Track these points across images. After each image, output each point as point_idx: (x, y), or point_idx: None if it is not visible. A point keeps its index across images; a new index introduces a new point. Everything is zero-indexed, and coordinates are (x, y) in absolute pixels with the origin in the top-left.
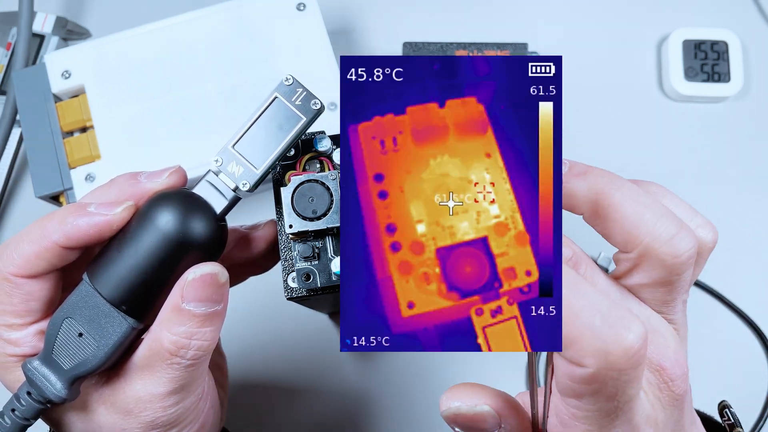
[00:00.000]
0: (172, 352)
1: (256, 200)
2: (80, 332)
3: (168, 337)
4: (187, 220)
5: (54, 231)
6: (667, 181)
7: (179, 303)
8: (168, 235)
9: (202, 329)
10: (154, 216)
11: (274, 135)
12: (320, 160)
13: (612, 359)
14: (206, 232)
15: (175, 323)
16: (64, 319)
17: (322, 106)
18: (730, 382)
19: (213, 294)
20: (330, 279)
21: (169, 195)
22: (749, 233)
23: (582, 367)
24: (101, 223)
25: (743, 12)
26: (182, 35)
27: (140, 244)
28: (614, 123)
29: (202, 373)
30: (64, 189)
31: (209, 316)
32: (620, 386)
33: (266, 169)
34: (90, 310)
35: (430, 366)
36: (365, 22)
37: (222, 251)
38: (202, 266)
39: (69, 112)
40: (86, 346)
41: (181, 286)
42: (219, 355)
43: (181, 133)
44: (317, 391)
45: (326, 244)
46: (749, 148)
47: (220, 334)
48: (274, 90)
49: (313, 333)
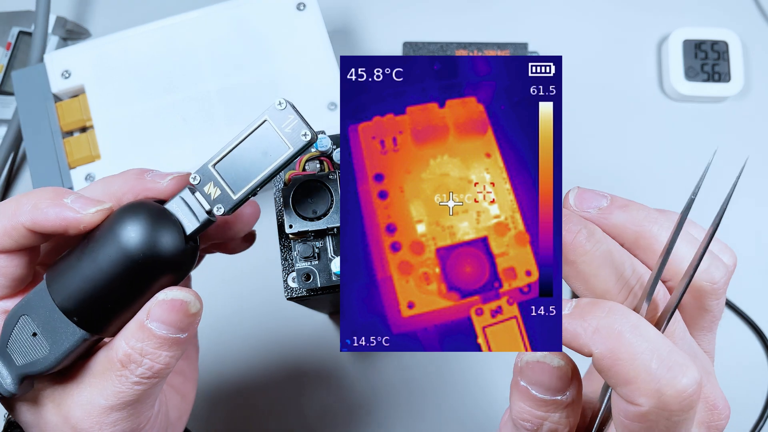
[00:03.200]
0: (123, 363)
1: (257, 200)
2: (34, 332)
3: (123, 348)
4: (153, 238)
5: (24, 212)
6: (667, 181)
7: (143, 319)
8: (128, 251)
9: (158, 351)
10: (117, 229)
11: (257, 161)
12: (320, 159)
13: (665, 400)
14: (172, 253)
15: (133, 337)
16: (20, 316)
17: (313, 137)
18: (730, 382)
19: (179, 321)
20: (330, 279)
21: (137, 207)
22: (749, 233)
23: (636, 405)
24: (69, 219)
25: (743, 12)
26: (182, 35)
27: (98, 257)
28: (614, 123)
29: (149, 397)
30: None
31: (169, 341)
32: (671, 426)
33: (244, 196)
34: (45, 312)
35: (431, 366)
36: (365, 22)
37: (187, 273)
38: (175, 290)
39: (69, 112)
40: (39, 347)
41: (150, 304)
42: (190, 365)
43: (181, 133)
44: (317, 391)
45: (326, 244)
46: (749, 148)
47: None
48: (265, 112)
49: (314, 333)
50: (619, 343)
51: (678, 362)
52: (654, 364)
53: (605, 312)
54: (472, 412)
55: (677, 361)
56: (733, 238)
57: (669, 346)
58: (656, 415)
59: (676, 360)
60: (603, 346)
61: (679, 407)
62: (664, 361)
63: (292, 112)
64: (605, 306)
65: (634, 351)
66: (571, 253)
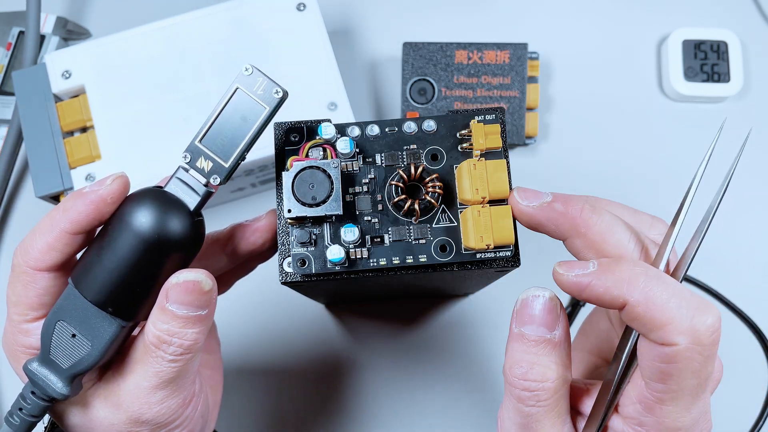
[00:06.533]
0: (156, 345)
1: (257, 200)
2: (73, 333)
3: (152, 331)
4: (163, 220)
5: (60, 219)
6: (667, 181)
7: (164, 302)
8: (144, 236)
9: (184, 330)
10: (129, 218)
11: (238, 127)
12: (323, 147)
13: (699, 336)
14: (182, 230)
15: (159, 320)
16: (56, 322)
17: (284, 93)
18: (729, 382)
19: (195, 300)
20: (325, 266)
21: (142, 195)
22: (749, 233)
23: (673, 345)
24: (96, 200)
25: (743, 12)
26: (182, 35)
27: (118, 247)
28: (614, 123)
29: (187, 373)
30: (64, 189)
31: (191, 319)
32: (703, 362)
33: (235, 162)
34: (79, 311)
35: (426, 354)
36: (365, 22)
37: (200, 246)
38: (185, 272)
39: (69, 112)
40: (81, 345)
41: (167, 288)
42: (213, 357)
43: (182, 133)
44: (310, 379)
45: (324, 231)
46: (749, 148)
47: (216, 337)
48: (234, 81)
49: (309, 322)
50: (652, 290)
51: (702, 302)
52: (684, 305)
53: (632, 264)
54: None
55: (701, 301)
56: (732, 238)
57: (690, 291)
58: (691, 351)
59: (700, 301)
60: (638, 294)
61: (710, 341)
62: (691, 303)
63: (260, 74)
64: (630, 260)
65: (666, 296)
66: (581, 226)
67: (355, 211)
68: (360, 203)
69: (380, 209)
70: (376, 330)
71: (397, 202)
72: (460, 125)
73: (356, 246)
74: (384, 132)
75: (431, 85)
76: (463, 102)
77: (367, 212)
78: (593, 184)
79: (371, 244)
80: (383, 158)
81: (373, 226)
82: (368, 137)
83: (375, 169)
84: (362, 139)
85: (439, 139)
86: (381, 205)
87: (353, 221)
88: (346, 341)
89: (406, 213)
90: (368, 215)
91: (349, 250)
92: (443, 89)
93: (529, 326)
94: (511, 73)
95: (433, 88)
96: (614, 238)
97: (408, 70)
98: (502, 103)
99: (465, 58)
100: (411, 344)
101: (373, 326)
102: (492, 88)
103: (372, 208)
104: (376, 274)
